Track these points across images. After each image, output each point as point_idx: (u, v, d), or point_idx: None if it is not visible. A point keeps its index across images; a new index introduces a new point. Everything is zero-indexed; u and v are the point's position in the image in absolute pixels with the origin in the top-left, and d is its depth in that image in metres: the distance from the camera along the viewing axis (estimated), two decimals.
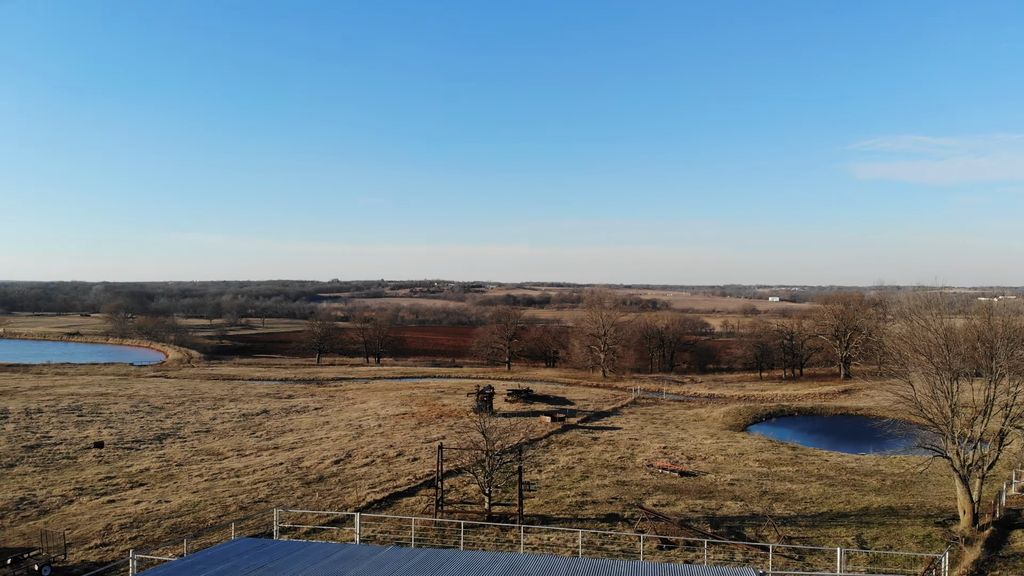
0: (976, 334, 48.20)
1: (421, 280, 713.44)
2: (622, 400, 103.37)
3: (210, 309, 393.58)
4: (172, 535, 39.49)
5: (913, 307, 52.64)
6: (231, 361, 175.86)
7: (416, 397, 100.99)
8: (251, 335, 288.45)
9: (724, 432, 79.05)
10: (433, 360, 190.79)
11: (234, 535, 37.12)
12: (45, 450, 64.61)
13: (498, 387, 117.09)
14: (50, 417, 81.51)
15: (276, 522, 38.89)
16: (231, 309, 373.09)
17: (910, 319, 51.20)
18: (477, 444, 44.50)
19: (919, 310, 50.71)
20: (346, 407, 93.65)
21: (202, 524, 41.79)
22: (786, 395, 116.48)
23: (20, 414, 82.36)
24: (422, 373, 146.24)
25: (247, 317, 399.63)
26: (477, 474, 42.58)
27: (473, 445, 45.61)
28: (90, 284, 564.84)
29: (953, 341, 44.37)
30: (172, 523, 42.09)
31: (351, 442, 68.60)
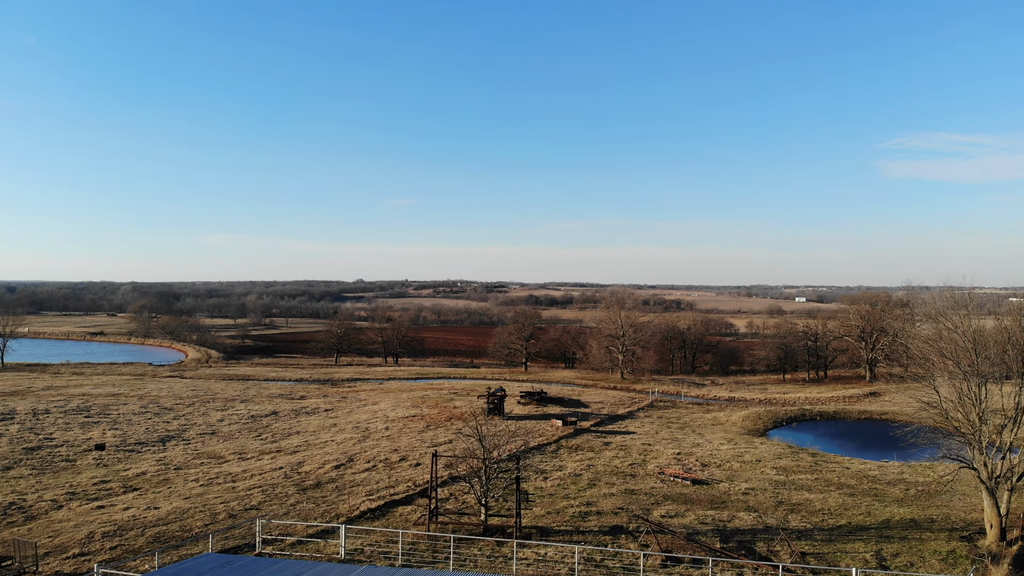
0: (1007, 336, 45.17)
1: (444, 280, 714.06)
2: (639, 403, 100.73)
3: (235, 309, 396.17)
4: (154, 544, 37.84)
5: (939, 308, 49.70)
6: (250, 361, 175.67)
7: (428, 399, 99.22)
8: (273, 335, 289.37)
9: (742, 437, 76.25)
10: (451, 360, 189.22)
11: (212, 548, 35.43)
12: (45, 452, 63.65)
13: (513, 389, 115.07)
14: (56, 418, 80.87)
15: (259, 534, 37.09)
16: (255, 309, 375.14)
17: (936, 320, 48.27)
18: (474, 452, 42.36)
19: (946, 311, 47.82)
20: (356, 409, 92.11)
21: (187, 533, 40.16)
22: (809, 398, 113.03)
23: (27, 415, 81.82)
24: (438, 374, 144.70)
25: (271, 317, 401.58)
26: (473, 484, 40.51)
27: (470, 453, 43.45)
28: (118, 284, 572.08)
29: (982, 344, 41.46)
30: (156, 532, 40.51)
31: (355, 446, 66.89)
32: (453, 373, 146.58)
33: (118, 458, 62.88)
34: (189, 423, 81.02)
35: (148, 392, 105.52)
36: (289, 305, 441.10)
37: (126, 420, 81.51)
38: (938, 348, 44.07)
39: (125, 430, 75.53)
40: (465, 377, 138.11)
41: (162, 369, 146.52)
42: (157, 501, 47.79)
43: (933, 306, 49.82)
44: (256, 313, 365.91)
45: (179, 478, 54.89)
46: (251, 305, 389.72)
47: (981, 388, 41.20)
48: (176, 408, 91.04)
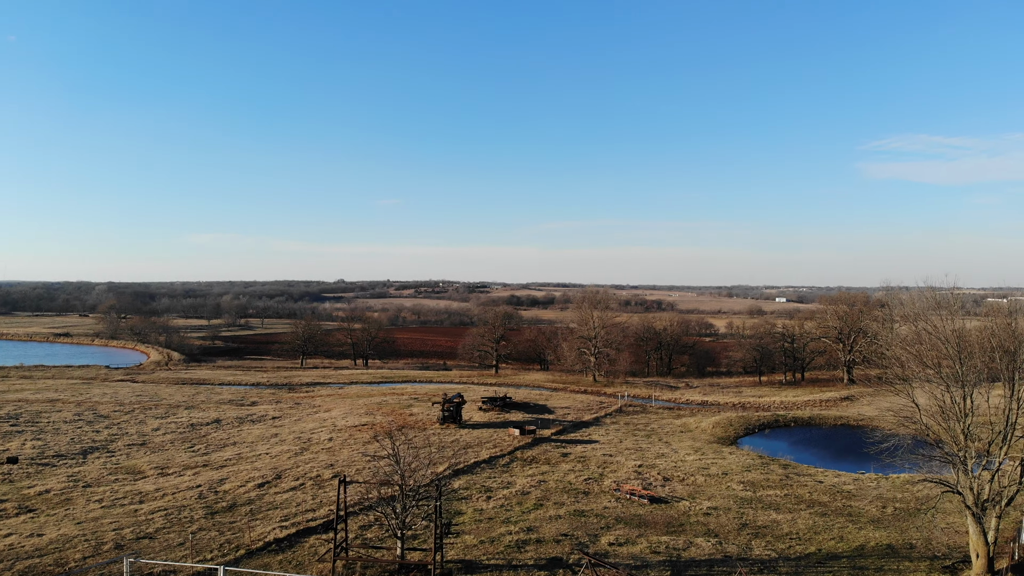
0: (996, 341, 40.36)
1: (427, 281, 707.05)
2: (607, 408, 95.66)
3: (210, 309, 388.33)
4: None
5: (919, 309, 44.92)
6: (212, 364, 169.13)
7: (385, 405, 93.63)
8: (245, 336, 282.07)
9: (711, 446, 71.29)
10: (424, 362, 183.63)
11: None
12: None
13: (478, 393, 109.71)
14: None
15: (127, 573, 31.55)
16: (230, 310, 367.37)
17: (915, 322, 43.45)
18: (390, 476, 36.83)
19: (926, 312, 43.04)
20: (306, 416, 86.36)
21: (62, 566, 34.54)
22: (784, 402, 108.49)
23: None
24: (405, 377, 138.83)
25: (247, 317, 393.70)
26: (387, 514, 35.09)
27: (386, 476, 37.96)
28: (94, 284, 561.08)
29: (967, 350, 36.60)
30: (27, 565, 34.79)
31: (290, 459, 61.24)
32: (421, 376, 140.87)
33: (28, 473, 56.92)
34: (121, 432, 74.98)
35: (89, 398, 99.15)
36: (266, 305, 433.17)
37: (54, 429, 75.36)
38: (917, 354, 39.22)
39: (48, 440, 69.44)
40: (432, 381, 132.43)
41: (115, 372, 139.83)
42: (46, 526, 42.04)
43: (912, 307, 45.00)
44: (230, 314, 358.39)
45: (83, 498, 49.02)
46: (226, 305, 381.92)
47: (966, 400, 36.39)
48: (113, 416, 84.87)
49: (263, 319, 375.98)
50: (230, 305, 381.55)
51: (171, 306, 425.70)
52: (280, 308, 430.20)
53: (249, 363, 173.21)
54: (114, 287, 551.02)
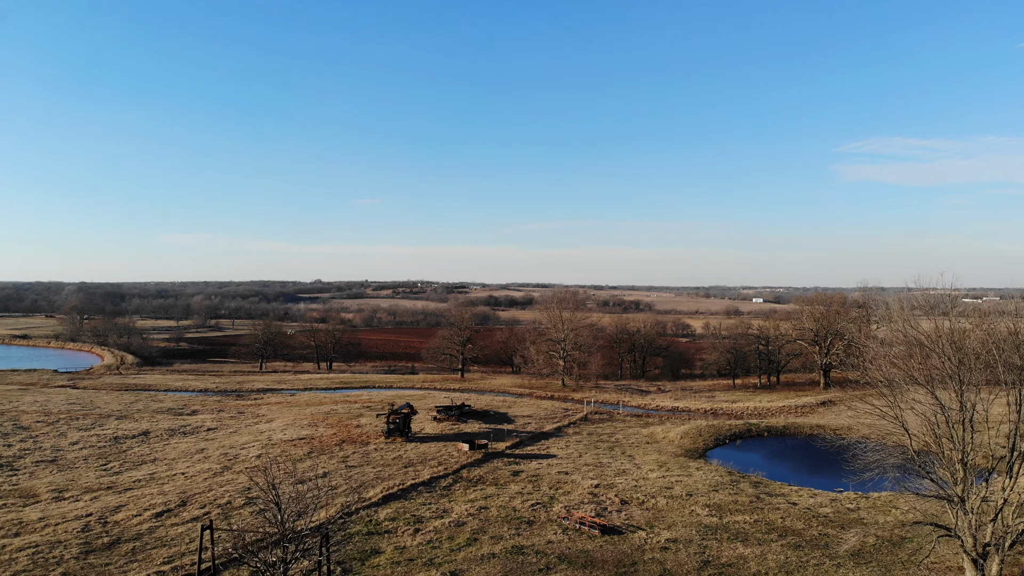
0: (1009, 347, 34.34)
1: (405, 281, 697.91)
2: (572, 416, 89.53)
3: (180, 310, 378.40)
4: None
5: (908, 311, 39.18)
6: (168, 367, 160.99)
7: (334, 415, 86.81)
8: (212, 337, 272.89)
9: (677, 460, 65.27)
10: (390, 365, 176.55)
11: None
12: None
13: (439, 399, 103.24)
14: None
15: None
16: (199, 311, 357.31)
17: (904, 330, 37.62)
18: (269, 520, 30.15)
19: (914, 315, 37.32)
20: (243, 428, 79.36)
21: None
22: (758, 408, 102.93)
23: None
24: (364, 382, 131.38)
25: (218, 318, 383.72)
26: (263, 567, 28.54)
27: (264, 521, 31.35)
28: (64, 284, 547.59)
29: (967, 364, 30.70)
30: None
31: (205, 481, 54.39)
32: (382, 381, 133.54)
33: None
34: (35, 447, 67.68)
35: (17, 407, 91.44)
36: (238, 306, 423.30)
37: None
38: (907, 370, 33.35)
39: None
40: (392, 386, 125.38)
41: (59, 377, 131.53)
42: None
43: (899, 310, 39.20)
44: (200, 315, 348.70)
45: None
46: (196, 306, 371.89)
47: (965, 424, 30.51)
48: (34, 427, 77.42)
49: (234, 320, 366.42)
50: (200, 306, 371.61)
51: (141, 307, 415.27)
52: (253, 309, 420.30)
53: (207, 367, 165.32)
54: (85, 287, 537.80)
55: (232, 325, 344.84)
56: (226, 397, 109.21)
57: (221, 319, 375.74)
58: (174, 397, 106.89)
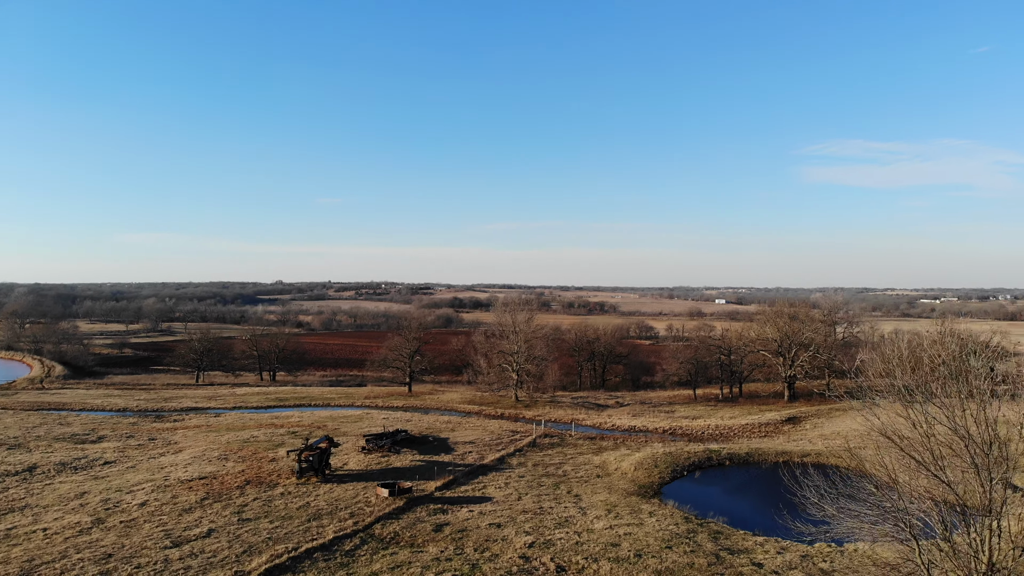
0: None
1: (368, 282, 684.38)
2: (519, 441, 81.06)
3: (131, 313, 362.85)
4: None
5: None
6: (96, 380, 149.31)
7: (252, 443, 77.14)
8: (160, 343, 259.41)
9: (628, 502, 57.02)
10: (339, 375, 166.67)
11: None
12: None
13: (377, 420, 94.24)
14: None
15: None
16: (151, 314, 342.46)
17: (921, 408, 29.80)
18: None
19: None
20: (145, 461, 69.41)
21: None
22: (719, 427, 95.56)
23: None
24: (301, 399, 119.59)
25: (171, 321, 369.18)
26: None
27: None
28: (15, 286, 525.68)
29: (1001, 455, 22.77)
30: None
31: (66, 542, 44.55)
32: (322, 397, 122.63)
33: None
34: None
35: None
36: (193, 309, 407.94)
37: None
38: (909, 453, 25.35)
39: None
40: (330, 404, 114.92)
41: None
42: None
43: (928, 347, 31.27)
44: (151, 318, 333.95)
45: None
46: (148, 309, 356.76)
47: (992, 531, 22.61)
48: None
49: (186, 324, 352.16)
50: (152, 309, 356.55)
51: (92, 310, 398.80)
52: (208, 312, 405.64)
53: (142, 378, 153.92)
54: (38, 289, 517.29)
55: (185, 329, 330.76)
56: (143, 419, 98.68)
57: (174, 322, 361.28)
58: (86, 419, 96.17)
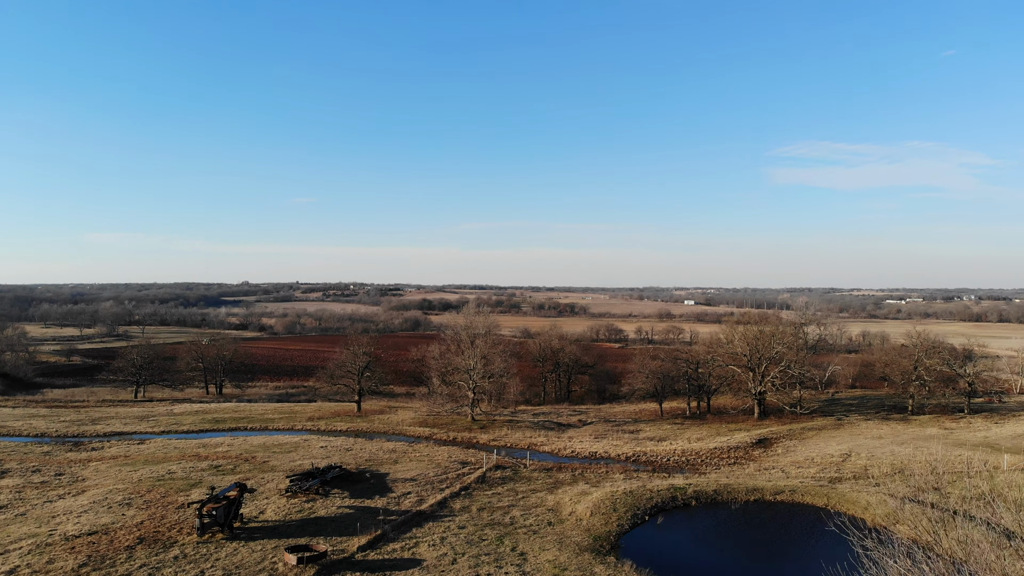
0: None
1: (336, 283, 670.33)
2: (468, 474, 72.94)
3: (88, 317, 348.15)
4: None
5: None
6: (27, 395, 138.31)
7: (166, 482, 67.97)
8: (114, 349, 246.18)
9: (580, 561, 49.04)
10: (290, 389, 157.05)
11: None
12: None
13: (315, 449, 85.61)
14: None
15: None
16: (107, 318, 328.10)
17: None
18: None
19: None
20: (38, 507, 59.91)
21: None
22: (686, 453, 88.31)
23: None
24: (239, 420, 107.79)
25: (131, 324, 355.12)
26: None
27: None
28: None
29: None
30: None
31: None
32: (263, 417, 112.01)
33: None
34: None
35: None
36: (152, 311, 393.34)
37: None
38: None
39: None
40: (268, 428, 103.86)
41: None
42: None
43: None
44: (107, 322, 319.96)
45: None
46: (104, 313, 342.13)
47: None
48: None
49: (144, 328, 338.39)
50: (108, 313, 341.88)
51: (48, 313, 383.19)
52: (169, 314, 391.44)
53: (79, 393, 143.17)
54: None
55: (142, 333, 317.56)
56: (60, 446, 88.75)
57: (132, 326, 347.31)
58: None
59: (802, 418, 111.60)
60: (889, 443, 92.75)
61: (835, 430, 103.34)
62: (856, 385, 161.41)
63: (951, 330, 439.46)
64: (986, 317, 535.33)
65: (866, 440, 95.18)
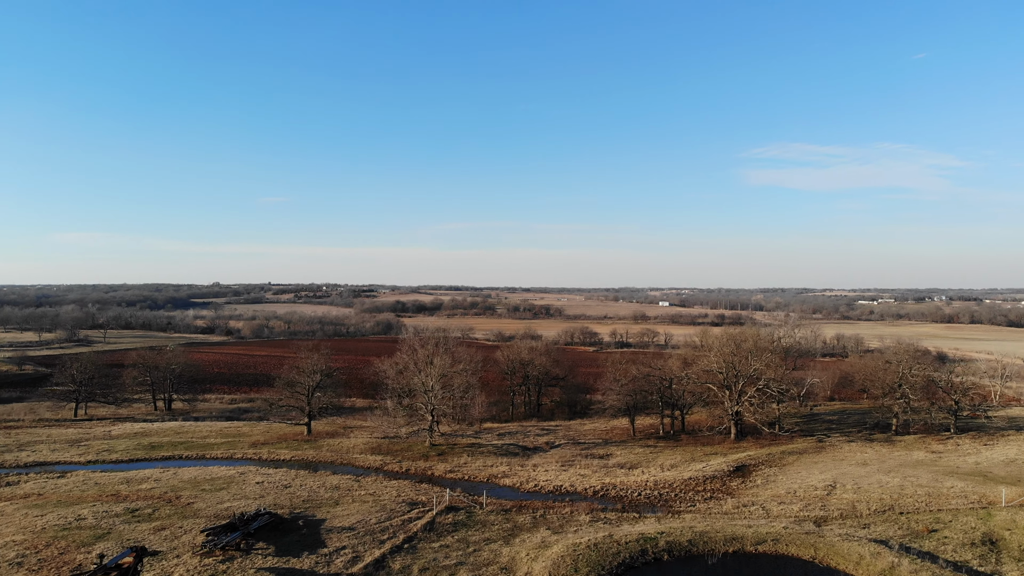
0: None
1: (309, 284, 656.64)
2: (416, 519, 64.60)
3: (49, 321, 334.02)
4: None
5: None
6: None
7: (70, 531, 58.83)
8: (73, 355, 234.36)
9: None
10: (245, 400, 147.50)
11: None
12: None
13: (250, 484, 76.81)
14: None
15: None
16: (66, 322, 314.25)
17: None
18: None
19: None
20: None
21: None
22: (659, 484, 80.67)
23: None
24: (176, 446, 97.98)
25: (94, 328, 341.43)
26: None
27: None
28: None
29: None
30: None
31: None
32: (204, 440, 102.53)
33: None
34: None
35: None
36: (117, 315, 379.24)
37: None
38: None
39: None
40: (205, 456, 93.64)
41: None
42: None
43: None
44: (67, 326, 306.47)
45: None
46: (65, 317, 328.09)
47: None
48: None
49: (106, 332, 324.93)
50: (68, 316, 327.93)
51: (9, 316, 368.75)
52: (134, 318, 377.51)
53: (15, 410, 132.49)
54: None
55: (104, 338, 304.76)
56: None
57: (95, 330, 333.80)
58: None
59: (781, 439, 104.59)
60: (875, 471, 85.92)
61: (817, 454, 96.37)
62: (835, 397, 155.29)
63: (924, 332, 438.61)
64: (958, 318, 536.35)
65: (851, 467, 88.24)
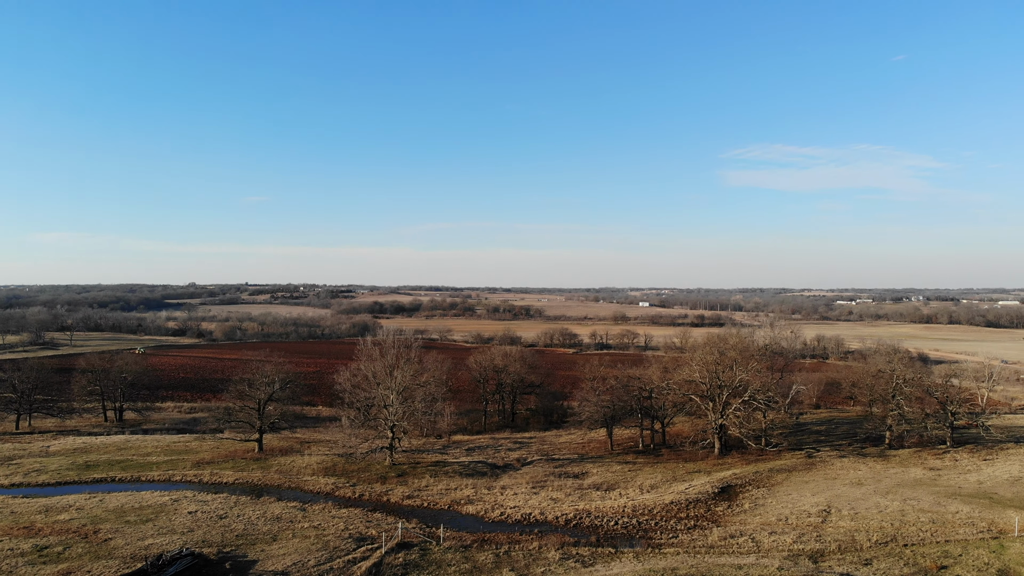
0: None
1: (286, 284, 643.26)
2: (362, 560, 55.82)
3: (15, 323, 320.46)
4: None
5: None
6: None
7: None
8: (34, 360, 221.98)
9: None
10: (202, 412, 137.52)
11: None
12: None
13: (182, 517, 67.75)
14: None
15: None
16: (32, 324, 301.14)
17: None
18: None
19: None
20: None
21: None
22: (638, 510, 72.50)
23: None
24: (109, 465, 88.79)
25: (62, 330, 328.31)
26: None
27: None
28: None
29: None
30: None
31: None
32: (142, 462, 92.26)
33: None
34: None
35: None
36: (86, 316, 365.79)
37: None
38: None
39: None
40: (140, 479, 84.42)
41: None
42: None
43: None
44: (32, 329, 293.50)
45: None
46: (30, 319, 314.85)
47: None
48: None
49: (72, 335, 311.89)
50: (33, 319, 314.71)
51: None
52: (103, 320, 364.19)
53: None
54: None
55: (70, 341, 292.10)
56: None
57: (63, 332, 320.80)
58: None
59: (768, 455, 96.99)
60: (872, 492, 78.38)
61: (807, 472, 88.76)
62: (820, 404, 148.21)
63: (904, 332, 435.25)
64: (936, 319, 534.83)
65: (845, 488, 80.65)
